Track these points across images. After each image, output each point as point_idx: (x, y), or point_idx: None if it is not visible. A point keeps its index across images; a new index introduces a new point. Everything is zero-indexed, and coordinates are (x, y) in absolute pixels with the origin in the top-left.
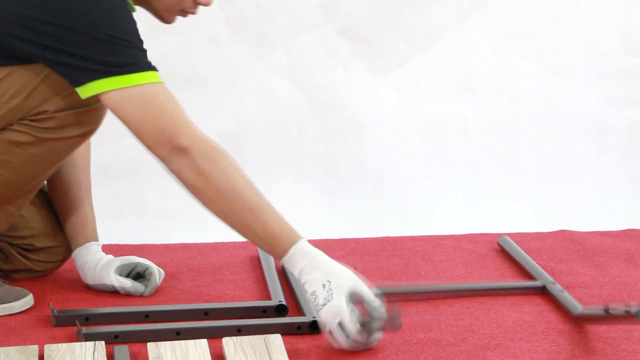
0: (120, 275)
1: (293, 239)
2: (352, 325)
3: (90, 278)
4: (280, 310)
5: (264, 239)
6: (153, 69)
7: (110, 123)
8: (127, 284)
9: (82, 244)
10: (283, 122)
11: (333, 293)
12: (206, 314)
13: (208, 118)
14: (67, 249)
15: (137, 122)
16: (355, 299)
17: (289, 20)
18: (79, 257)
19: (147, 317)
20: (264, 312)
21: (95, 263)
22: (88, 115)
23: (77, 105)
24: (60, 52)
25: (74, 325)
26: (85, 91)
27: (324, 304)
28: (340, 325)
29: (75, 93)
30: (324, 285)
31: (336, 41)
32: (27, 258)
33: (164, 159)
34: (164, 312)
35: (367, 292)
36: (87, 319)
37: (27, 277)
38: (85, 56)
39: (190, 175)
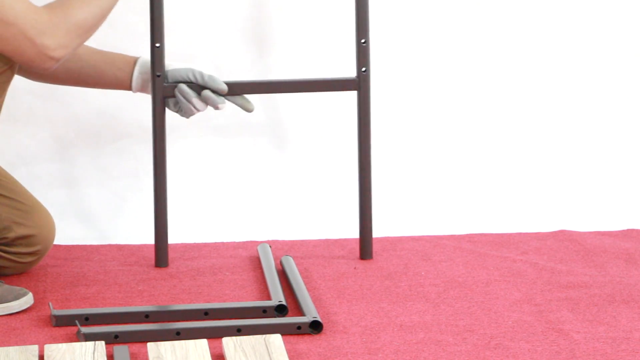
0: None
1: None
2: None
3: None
4: (280, 310)
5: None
6: None
7: (109, 123)
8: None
9: (136, 62)
10: (282, 121)
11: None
12: (206, 314)
13: (208, 118)
14: (46, 237)
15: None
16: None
17: (289, 19)
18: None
19: (147, 317)
20: (264, 312)
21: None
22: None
23: None
24: None
25: (74, 325)
26: None
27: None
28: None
29: None
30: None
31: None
32: (7, 252)
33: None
34: (164, 312)
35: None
36: (87, 319)
37: (16, 272)
38: None
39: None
